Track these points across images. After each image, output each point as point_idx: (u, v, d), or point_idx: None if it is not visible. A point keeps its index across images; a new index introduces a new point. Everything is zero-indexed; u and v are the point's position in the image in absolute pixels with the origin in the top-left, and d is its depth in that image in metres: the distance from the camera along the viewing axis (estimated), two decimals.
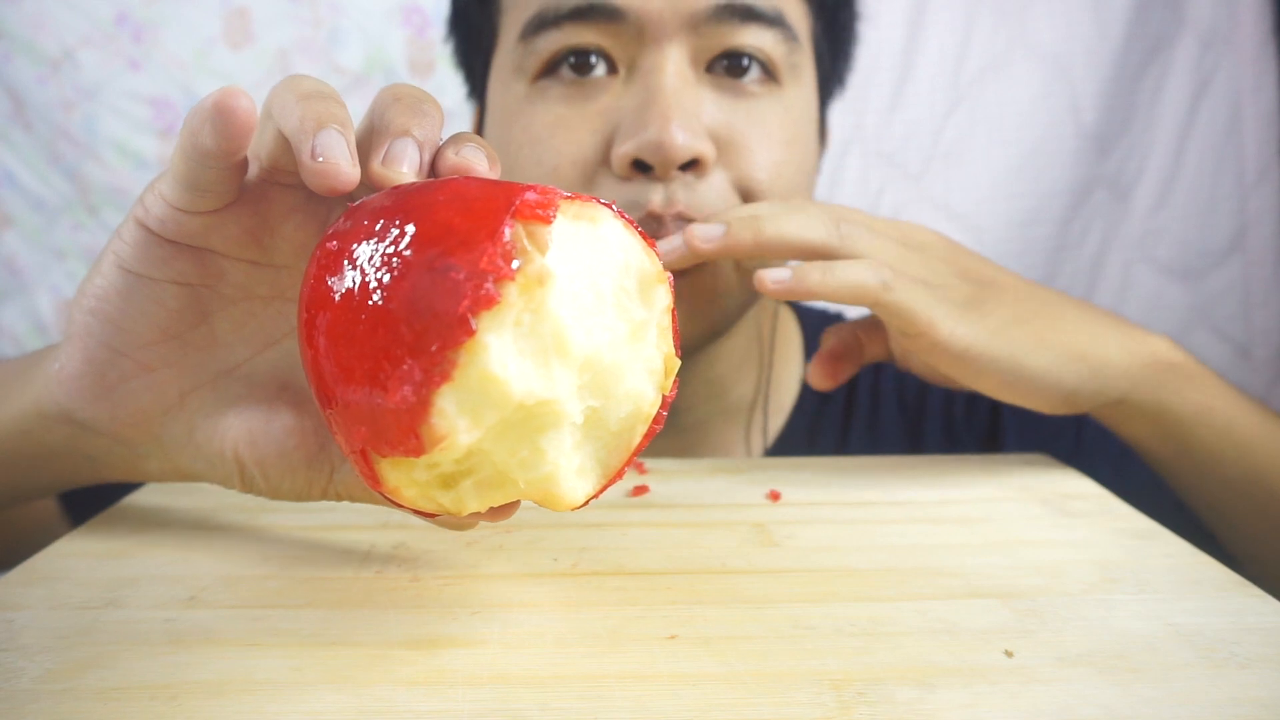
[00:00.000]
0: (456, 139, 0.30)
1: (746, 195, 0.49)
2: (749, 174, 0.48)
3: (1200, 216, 1.05)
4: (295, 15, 0.96)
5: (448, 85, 1.00)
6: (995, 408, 0.61)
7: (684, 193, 0.47)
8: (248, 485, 0.33)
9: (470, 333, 0.23)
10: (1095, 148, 1.03)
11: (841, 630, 0.29)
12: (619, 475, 0.29)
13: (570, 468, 0.27)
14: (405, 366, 0.24)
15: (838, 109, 0.62)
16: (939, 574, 0.33)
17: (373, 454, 0.25)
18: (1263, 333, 1.05)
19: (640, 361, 0.28)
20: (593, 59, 0.49)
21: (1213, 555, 0.35)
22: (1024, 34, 1.02)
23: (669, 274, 0.28)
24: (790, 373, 0.62)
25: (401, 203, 0.26)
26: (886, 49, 1.01)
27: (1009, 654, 0.27)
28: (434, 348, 0.23)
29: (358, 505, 0.39)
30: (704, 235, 0.43)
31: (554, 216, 0.25)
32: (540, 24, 0.49)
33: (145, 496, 0.41)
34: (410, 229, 0.25)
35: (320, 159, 0.27)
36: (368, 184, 0.28)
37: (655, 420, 0.29)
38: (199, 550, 0.34)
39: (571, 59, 0.49)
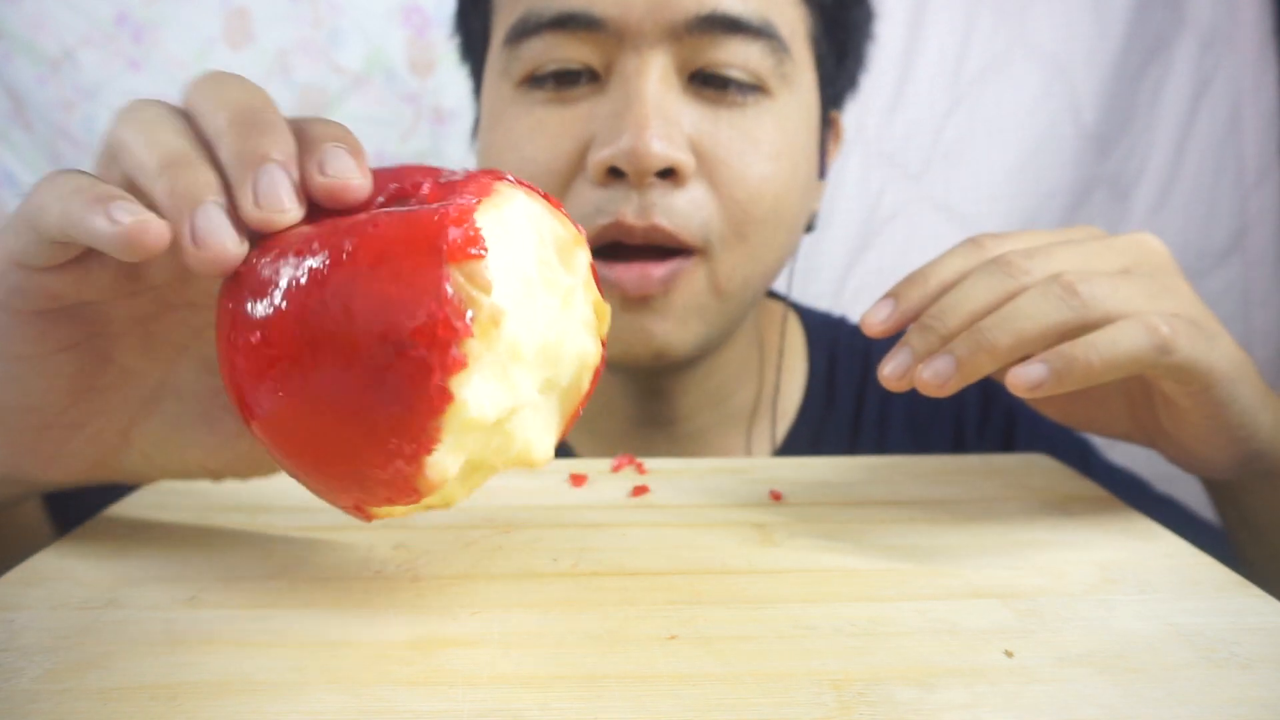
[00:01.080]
0: (313, 145, 0.27)
1: (729, 210, 0.48)
2: (732, 188, 0.47)
3: (1200, 217, 1.05)
4: (295, 15, 0.96)
5: (448, 85, 1.00)
6: (1010, 427, 0.60)
7: (661, 203, 0.46)
8: (225, 480, 0.34)
9: (449, 399, 0.24)
10: (1095, 148, 1.03)
11: (841, 630, 0.28)
12: (575, 416, 0.31)
13: (537, 436, 0.28)
14: (392, 445, 0.24)
15: None
16: (939, 574, 0.33)
17: (366, 505, 0.27)
18: (1263, 333, 1.05)
19: (577, 322, 0.29)
20: (578, 75, 0.48)
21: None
22: (1024, 34, 1.03)
23: (583, 231, 0.29)
24: (794, 380, 0.61)
25: (320, 276, 0.24)
26: (886, 49, 1.01)
27: (1009, 654, 0.27)
28: (418, 425, 0.24)
29: None
30: (935, 370, 0.34)
31: (485, 249, 0.24)
32: (523, 30, 0.49)
33: (145, 496, 0.41)
34: (349, 306, 0.23)
35: (201, 247, 0.25)
36: (246, 226, 0.26)
37: (600, 361, 0.30)
38: (199, 550, 0.34)
39: (556, 74, 0.49)
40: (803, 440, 0.59)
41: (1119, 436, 0.43)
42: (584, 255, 0.29)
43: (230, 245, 0.25)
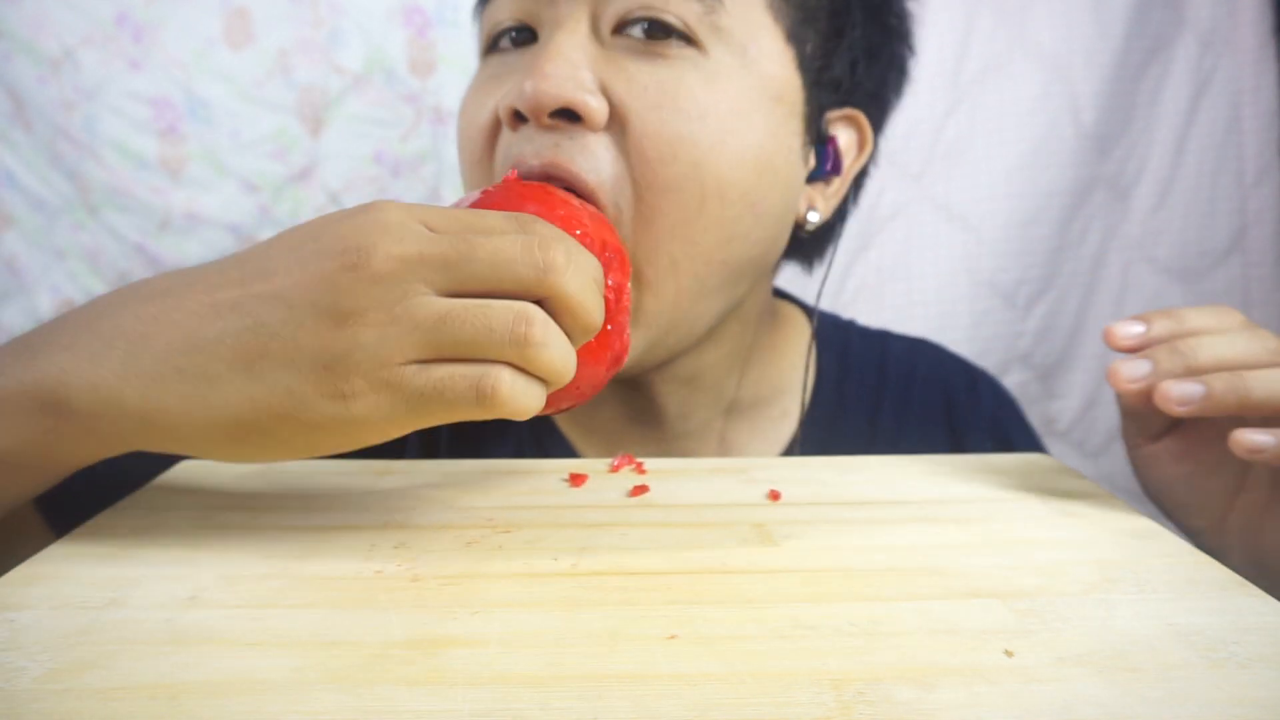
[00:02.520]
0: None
1: (638, 169, 0.45)
2: (641, 143, 0.45)
3: (1200, 216, 1.05)
4: (295, 15, 0.96)
5: (448, 85, 1.00)
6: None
7: (565, 144, 0.45)
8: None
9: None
10: (1095, 148, 1.03)
11: (841, 630, 0.29)
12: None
13: None
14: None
15: None
16: (939, 574, 0.33)
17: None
18: None
19: None
20: (527, 33, 0.49)
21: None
22: (1024, 34, 1.03)
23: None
24: (795, 379, 0.60)
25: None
26: None
27: (1009, 654, 0.27)
28: None
29: (358, 505, 0.39)
30: (1181, 395, 0.40)
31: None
32: (478, 2, 0.53)
33: (145, 497, 0.41)
34: None
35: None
36: None
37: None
38: (199, 550, 0.34)
39: (513, 33, 0.49)
40: (813, 443, 0.58)
41: (1201, 506, 0.46)
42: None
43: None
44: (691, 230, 0.46)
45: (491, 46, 0.51)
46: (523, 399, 0.33)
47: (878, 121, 0.57)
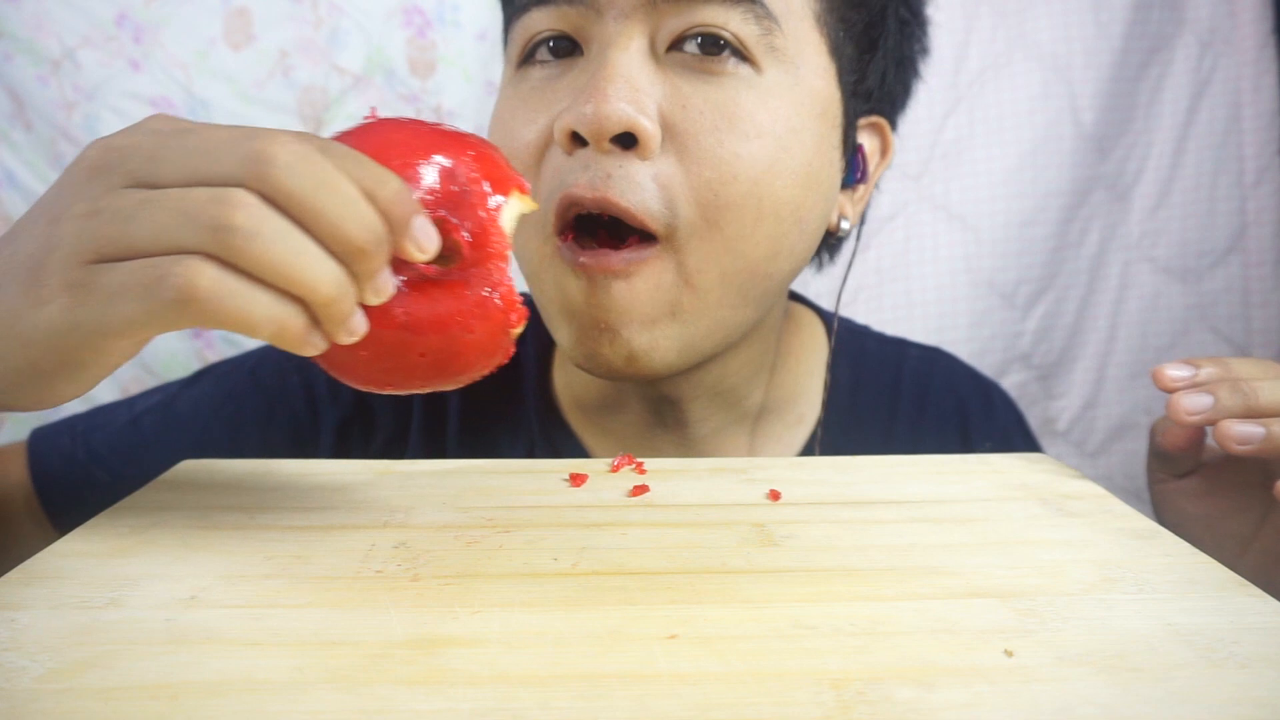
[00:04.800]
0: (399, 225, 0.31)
1: (698, 190, 0.45)
2: (700, 165, 0.45)
3: (1199, 217, 1.05)
4: (295, 15, 0.96)
5: (448, 86, 1.00)
6: None
7: (619, 173, 0.44)
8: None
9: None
10: (1094, 148, 1.04)
11: (841, 630, 0.29)
12: None
13: None
14: None
15: None
16: (939, 574, 0.33)
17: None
18: (1262, 333, 1.05)
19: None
20: (567, 41, 0.48)
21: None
22: (1023, 34, 1.03)
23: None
24: (812, 386, 0.59)
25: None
26: None
27: (1009, 654, 0.27)
28: None
29: (358, 505, 0.39)
30: (1191, 407, 0.43)
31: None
32: (514, 10, 0.50)
33: (145, 497, 0.41)
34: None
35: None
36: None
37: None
38: (199, 550, 0.34)
39: (550, 43, 0.48)
40: (828, 452, 0.57)
41: (1216, 548, 0.46)
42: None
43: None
44: (745, 245, 0.46)
45: (527, 57, 0.49)
46: (237, 300, 0.28)
47: (894, 124, 0.57)
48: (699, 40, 0.46)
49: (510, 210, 0.35)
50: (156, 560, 0.34)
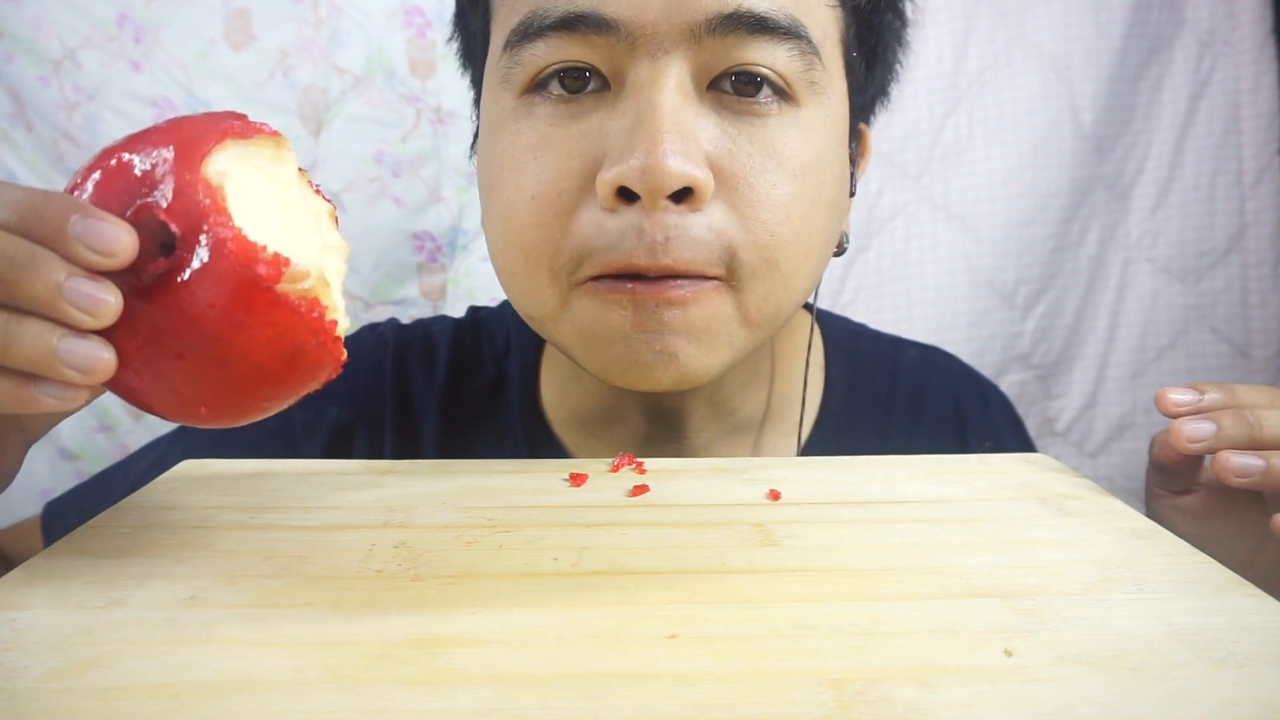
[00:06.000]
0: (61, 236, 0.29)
1: (755, 233, 0.43)
2: (756, 209, 0.43)
3: (1199, 217, 1.05)
4: (296, 16, 0.96)
5: (448, 86, 1.00)
6: None
7: (676, 231, 0.42)
8: None
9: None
10: (1094, 148, 1.04)
11: (841, 630, 0.29)
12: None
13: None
14: None
15: None
16: (939, 574, 0.33)
17: None
18: (1261, 333, 1.05)
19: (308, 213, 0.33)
20: (585, 74, 0.44)
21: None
22: (1023, 35, 1.03)
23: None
24: (810, 390, 0.59)
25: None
26: None
27: (1009, 654, 0.27)
28: None
29: (358, 505, 0.39)
30: (1194, 434, 0.42)
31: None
32: (525, 34, 0.44)
33: (145, 496, 0.41)
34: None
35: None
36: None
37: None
38: (199, 550, 0.34)
39: (562, 75, 0.44)
40: (823, 451, 0.57)
41: (1234, 546, 0.46)
42: (289, 155, 0.33)
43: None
44: (797, 280, 0.46)
45: (536, 87, 0.45)
46: None
47: (869, 124, 0.57)
48: (733, 79, 0.44)
49: (220, 162, 0.30)
50: (157, 560, 0.34)
